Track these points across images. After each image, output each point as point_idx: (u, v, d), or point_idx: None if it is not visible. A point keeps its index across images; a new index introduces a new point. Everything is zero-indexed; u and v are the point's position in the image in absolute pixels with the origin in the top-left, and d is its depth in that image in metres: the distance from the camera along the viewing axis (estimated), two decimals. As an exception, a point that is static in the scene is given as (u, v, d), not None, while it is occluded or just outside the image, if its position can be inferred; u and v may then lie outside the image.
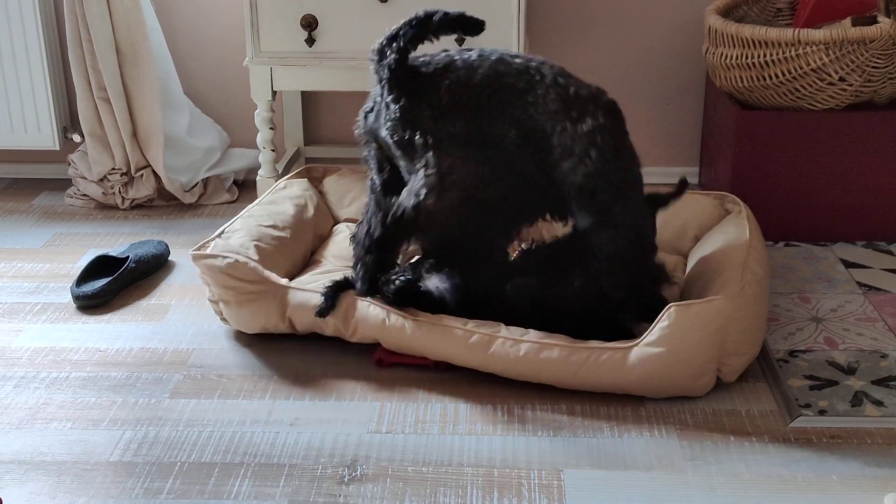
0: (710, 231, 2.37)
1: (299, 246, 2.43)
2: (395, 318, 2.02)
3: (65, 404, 1.97)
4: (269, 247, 2.31)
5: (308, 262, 2.43)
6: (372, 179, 2.17)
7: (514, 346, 1.94)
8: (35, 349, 2.18)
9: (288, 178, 2.64)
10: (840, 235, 2.65)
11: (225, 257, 2.11)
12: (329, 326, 2.09)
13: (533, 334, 1.97)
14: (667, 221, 2.43)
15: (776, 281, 2.40)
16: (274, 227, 2.38)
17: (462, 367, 2.02)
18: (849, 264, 2.51)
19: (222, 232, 2.32)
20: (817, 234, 2.65)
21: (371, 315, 2.05)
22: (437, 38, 2.06)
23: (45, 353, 2.16)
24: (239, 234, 2.32)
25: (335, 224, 2.63)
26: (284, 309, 2.11)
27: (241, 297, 2.12)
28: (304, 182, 2.64)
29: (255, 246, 2.28)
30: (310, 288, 2.11)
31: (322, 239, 2.54)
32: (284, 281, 2.14)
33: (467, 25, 2.06)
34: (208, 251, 2.19)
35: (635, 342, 1.91)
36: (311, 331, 2.12)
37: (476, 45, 2.58)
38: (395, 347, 2.05)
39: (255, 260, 2.23)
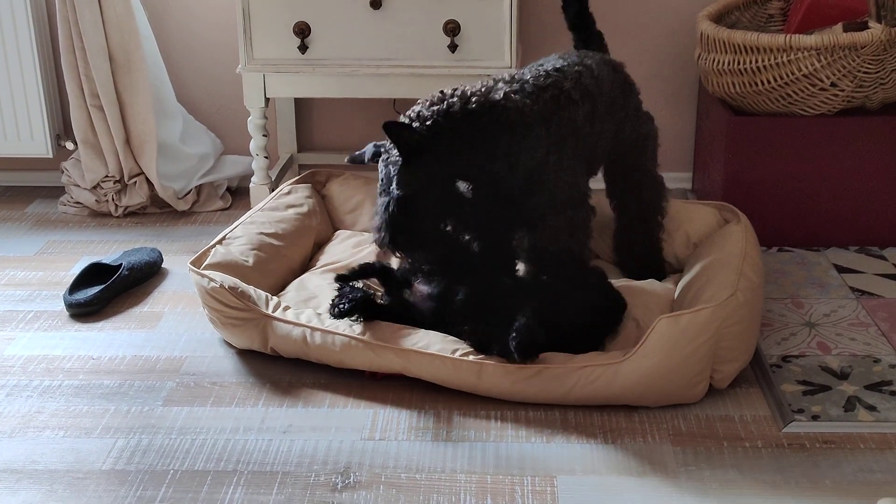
0: (707, 240, 2.37)
1: (298, 254, 2.43)
2: (383, 351, 1.99)
3: (57, 412, 1.97)
4: (268, 255, 2.32)
5: (306, 269, 2.44)
6: None
7: (505, 372, 1.93)
8: (28, 357, 2.17)
9: (291, 183, 2.64)
10: (833, 240, 2.65)
11: (212, 280, 2.10)
12: (313, 356, 2.07)
13: None
14: (668, 231, 2.43)
15: (769, 286, 2.40)
16: (274, 234, 2.39)
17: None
18: (842, 269, 2.51)
19: (223, 238, 2.32)
20: (810, 239, 2.65)
21: (357, 348, 2.01)
22: None
23: (37, 361, 2.15)
24: (240, 241, 2.32)
25: (336, 230, 2.63)
26: (266, 339, 2.09)
27: (224, 320, 2.11)
28: (307, 187, 2.64)
29: (255, 254, 2.28)
30: (292, 320, 2.07)
31: (322, 246, 2.54)
32: (273, 303, 2.11)
33: None
34: (206, 262, 2.19)
35: (626, 356, 1.91)
36: (297, 357, 2.11)
37: (469, 53, 2.60)
38: (387, 372, 2.04)
39: (250, 268, 2.23)
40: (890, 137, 2.58)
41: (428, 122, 1.92)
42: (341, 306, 2.04)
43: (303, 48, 2.63)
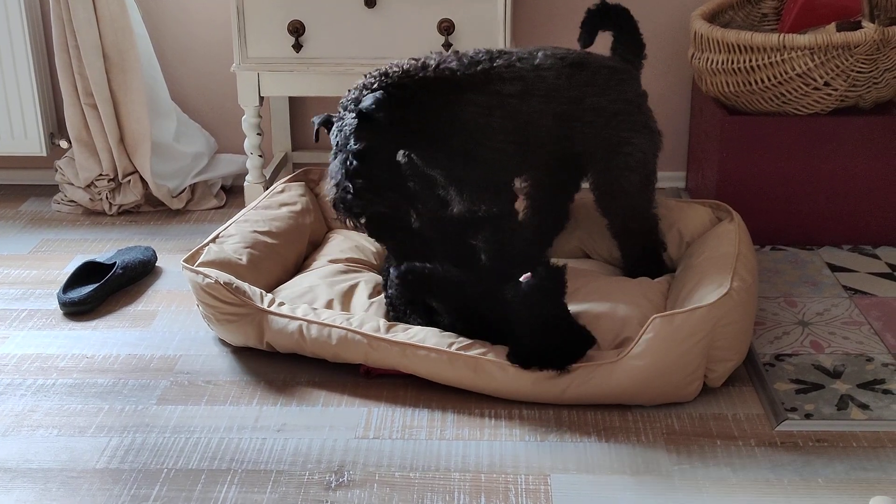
0: (700, 239, 2.37)
1: (292, 252, 2.43)
2: (379, 344, 2.00)
3: (51, 411, 1.96)
4: (262, 254, 2.32)
5: (300, 267, 2.44)
6: None
7: (501, 370, 1.94)
8: (21, 356, 2.17)
9: (285, 182, 2.64)
10: (826, 239, 2.66)
11: (206, 276, 2.10)
12: (309, 350, 2.07)
13: None
14: (661, 230, 2.43)
15: (763, 285, 2.41)
16: (268, 233, 2.38)
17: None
18: (835, 268, 2.52)
19: (217, 236, 2.32)
20: (803, 238, 2.66)
21: (353, 340, 2.02)
22: None
23: (31, 360, 2.15)
24: (233, 239, 2.32)
25: (329, 229, 2.63)
26: (262, 334, 2.09)
27: (220, 317, 2.11)
28: (300, 186, 2.64)
29: (248, 253, 2.28)
30: (288, 314, 2.07)
31: (316, 245, 2.54)
32: (268, 299, 2.11)
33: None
34: (199, 260, 2.19)
35: (621, 355, 1.91)
36: (292, 352, 2.11)
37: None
38: (381, 367, 2.04)
39: (244, 266, 2.23)
40: (883, 137, 2.59)
41: (375, 87, 2.03)
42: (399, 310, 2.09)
43: (297, 47, 2.62)
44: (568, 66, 2.18)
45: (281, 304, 2.11)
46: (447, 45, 2.58)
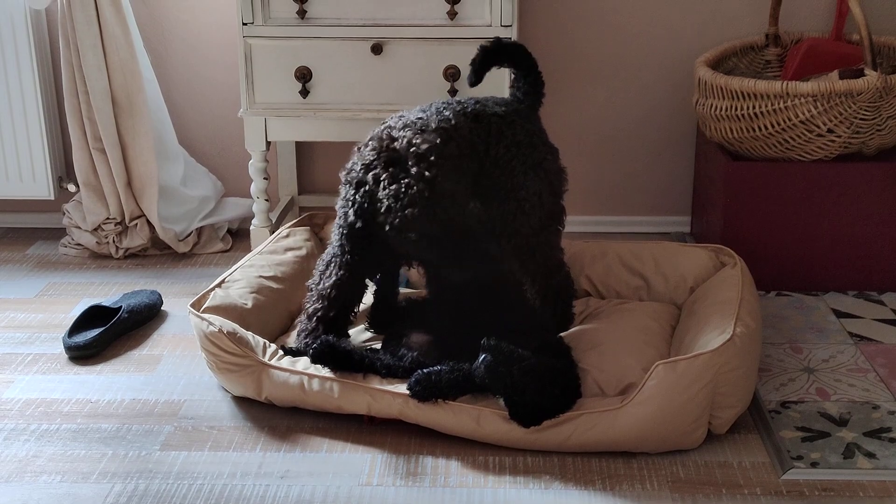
0: (704, 284, 2.37)
1: (297, 297, 2.43)
2: (382, 396, 1.99)
3: (54, 457, 1.96)
4: (267, 299, 2.32)
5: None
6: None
7: (504, 419, 1.93)
8: (26, 400, 2.17)
9: (290, 226, 2.65)
10: (831, 285, 2.66)
11: (211, 323, 2.10)
12: (311, 403, 2.06)
13: None
14: (665, 274, 2.44)
15: (768, 331, 2.40)
16: (273, 278, 2.39)
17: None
18: (840, 314, 2.51)
19: (222, 281, 2.33)
20: (809, 283, 2.66)
21: (356, 393, 2.01)
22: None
23: (35, 405, 2.15)
24: (239, 284, 2.33)
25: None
26: (261, 387, 2.08)
27: (221, 365, 2.11)
28: (305, 230, 2.65)
29: (254, 298, 2.28)
30: (289, 368, 2.06)
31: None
32: (270, 351, 2.11)
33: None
34: (205, 305, 2.19)
35: (624, 403, 1.91)
36: (292, 406, 2.10)
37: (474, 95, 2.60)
38: (385, 417, 2.03)
39: (249, 311, 2.24)
40: (887, 182, 2.59)
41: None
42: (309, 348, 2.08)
43: (304, 92, 2.65)
44: (471, 120, 2.16)
45: (282, 357, 2.11)
46: (452, 92, 2.60)
